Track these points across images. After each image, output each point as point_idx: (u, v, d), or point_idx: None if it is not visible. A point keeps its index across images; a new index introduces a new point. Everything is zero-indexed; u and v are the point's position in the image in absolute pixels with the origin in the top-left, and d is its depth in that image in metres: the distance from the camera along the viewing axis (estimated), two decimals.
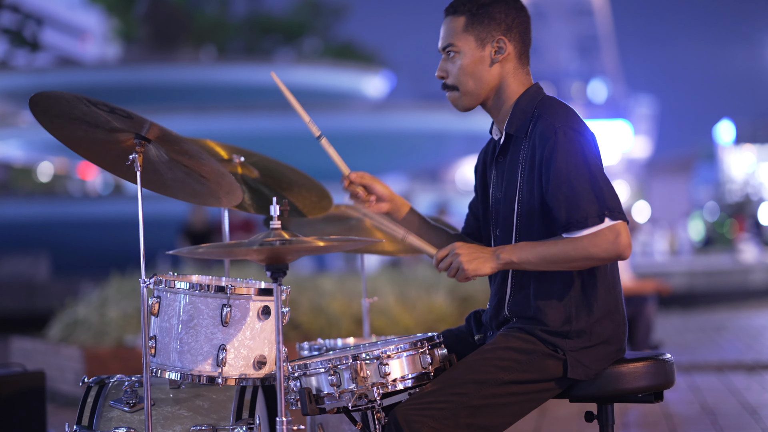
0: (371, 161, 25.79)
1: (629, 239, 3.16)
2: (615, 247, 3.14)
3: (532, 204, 3.27)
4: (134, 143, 3.39)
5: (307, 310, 8.08)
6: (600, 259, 3.17)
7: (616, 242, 3.14)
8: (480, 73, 3.36)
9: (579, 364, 3.22)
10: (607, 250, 3.14)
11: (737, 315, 15.02)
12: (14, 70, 28.43)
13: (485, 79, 3.36)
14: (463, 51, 3.36)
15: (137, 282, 3.41)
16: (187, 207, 15.53)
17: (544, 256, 3.18)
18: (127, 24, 44.53)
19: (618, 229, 3.14)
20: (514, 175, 3.33)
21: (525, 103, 3.35)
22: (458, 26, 3.36)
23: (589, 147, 3.22)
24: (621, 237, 3.14)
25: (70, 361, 7.97)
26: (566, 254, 3.16)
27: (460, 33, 3.36)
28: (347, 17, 54.16)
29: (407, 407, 3.08)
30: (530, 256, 3.19)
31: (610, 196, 3.17)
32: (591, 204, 3.15)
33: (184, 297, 3.44)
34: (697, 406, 7.00)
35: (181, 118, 21.41)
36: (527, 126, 3.31)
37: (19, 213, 21.33)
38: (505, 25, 3.35)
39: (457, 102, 3.42)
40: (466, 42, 3.35)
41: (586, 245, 3.15)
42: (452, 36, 3.37)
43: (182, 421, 3.49)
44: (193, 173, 3.52)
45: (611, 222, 3.14)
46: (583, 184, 3.16)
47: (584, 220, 3.15)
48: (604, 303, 3.28)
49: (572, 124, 3.23)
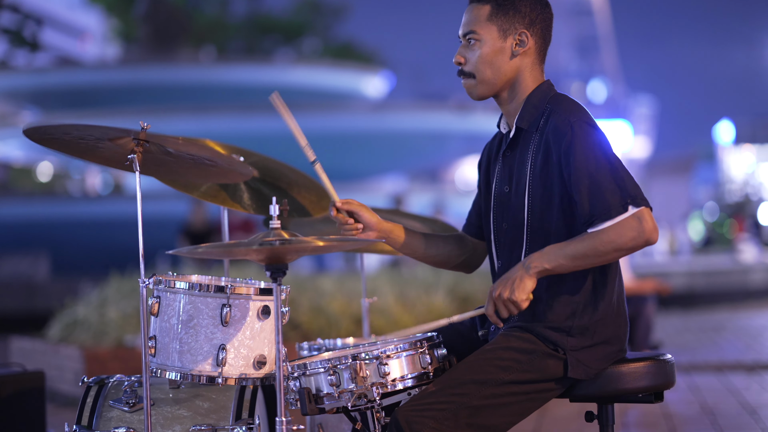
0: (371, 161, 25.81)
1: (654, 223, 3.15)
2: (640, 234, 3.13)
3: (545, 198, 3.27)
4: (133, 145, 3.40)
5: (307, 310, 8.08)
6: (629, 248, 3.16)
7: (641, 228, 3.13)
8: (499, 63, 3.35)
9: (579, 364, 3.22)
10: (634, 238, 3.14)
11: (737, 315, 15.02)
12: (14, 70, 28.42)
13: (503, 70, 3.36)
14: (484, 39, 3.35)
15: (137, 282, 3.40)
16: (186, 207, 15.53)
17: (574, 255, 3.17)
18: (127, 24, 44.53)
19: (641, 215, 3.14)
20: (523, 169, 3.32)
21: (537, 98, 3.36)
22: (482, 14, 3.36)
23: (604, 139, 3.24)
24: (645, 222, 3.13)
25: (70, 361, 7.97)
26: (595, 249, 3.15)
27: (483, 21, 3.35)
28: (347, 17, 54.18)
29: (408, 408, 3.08)
30: (561, 259, 3.17)
31: (631, 185, 3.17)
32: (613, 195, 3.15)
33: (184, 297, 3.44)
34: (697, 406, 7.00)
35: (181, 118, 21.42)
36: (539, 121, 3.31)
37: (19, 213, 21.33)
38: (529, 19, 3.35)
39: (472, 90, 3.41)
40: (489, 31, 3.35)
41: (612, 237, 3.14)
42: (475, 23, 3.36)
43: (182, 421, 3.49)
44: (196, 160, 3.53)
45: (634, 209, 3.14)
46: (604, 175, 3.16)
47: (608, 212, 3.15)
48: (609, 302, 3.28)
49: (586, 119, 3.25)
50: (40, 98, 27.84)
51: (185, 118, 21.47)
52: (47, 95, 27.31)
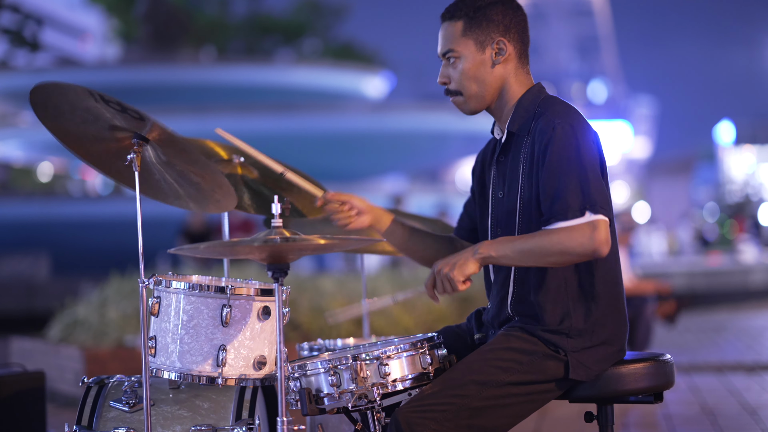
0: (371, 162, 25.82)
1: (607, 236, 3.11)
2: (590, 241, 3.10)
3: (535, 201, 3.26)
4: (132, 143, 3.38)
5: (307, 311, 8.08)
6: (576, 254, 3.13)
7: (592, 236, 3.10)
8: (482, 75, 3.35)
9: (580, 365, 3.21)
10: (582, 245, 3.11)
11: (737, 315, 15.02)
12: (14, 70, 28.43)
13: (488, 82, 3.35)
14: (463, 55, 3.34)
15: (137, 282, 3.40)
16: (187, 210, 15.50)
17: (521, 249, 3.15)
18: (127, 24, 44.56)
19: (596, 224, 3.11)
20: (515, 174, 3.32)
21: (527, 101, 3.35)
22: (457, 31, 3.35)
23: (586, 143, 3.20)
24: (598, 232, 3.10)
25: (70, 361, 7.97)
26: (542, 247, 3.13)
27: (459, 37, 3.34)
28: (347, 18, 54.21)
29: (408, 409, 3.08)
30: (507, 251, 3.17)
31: (597, 192, 3.14)
32: (575, 197, 3.13)
33: (184, 297, 3.44)
34: (697, 407, 7.00)
35: (181, 118, 21.41)
36: (529, 124, 3.30)
37: (19, 213, 21.33)
38: (503, 26, 3.34)
39: (462, 106, 3.41)
40: (466, 46, 3.34)
41: (561, 238, 3.11)
42: (451, 41, 3.36)
43: (182, 421, 3.49)
44: (187, 176, 3.51)
45: (592, 216, 3.12)
46: (571, 177, 3.15)
47: (564, 213, 3.13)
48: (605, 302, 3.27)
49: (571, 121, 3.22)
50: None
51: (185, 118, 21.46)
52: None
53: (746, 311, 15.77)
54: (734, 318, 14.57)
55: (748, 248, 28.62)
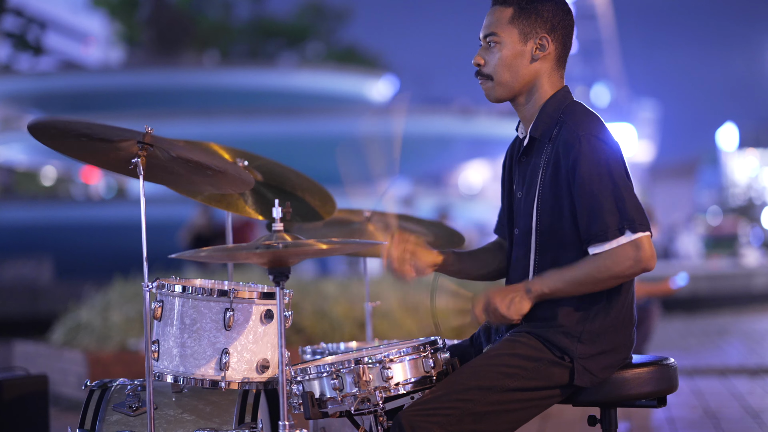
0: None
1: (652, 251, 3.14)
2: (637, 262, 3.13)
3: (556, 209, 3.26)
4: (137, 149, 3.40)
5: (310, 314, 8.08)
6: (626, 275, 3.17)
7: (638, 257, 3.13)
8: (518, 66, 3.35)
9: (586, 372, 3.20)
10: (630, 267, 3.14)
11: (740, 319, 15.00)
12: (17, 74, 28.46)
13: (521, 74, 3.35)
14: (504, 42, 3.34)
15: (140, 286, 3.40)
16: (190, 211, 15.53)
17: (572, 281, 3.18)
18: (131, 28, 44.59)
19: (639, 243, 3.13)
20: (534, 178, 3.32)
21: (552, 107, 3.34)
22: (504, 17, 3.35)
23: (614, 156, 3.21)
24: (643, 251, 3.13)
25: (73, 365, 7.97)
26: (592, 276, 3.16)
27: (505, 24, 3.35)
28: (350, 21, 54.27)
29: (412, 413, 3.07)
30: (560, 285, 3.19)
31: (633, 207, 3.15)
32: (612, 216, 3.14)
33: (187, 301, 3.44)
34: (700, 411, 6.99)
35: (185, 121, 21.42)
36: (552, 131, 3.30)
37: (23, 217, 21.34)
38: (550, 24, 3.34)
39: (489, 92, 3.40)
40: (510, 34, 3.34)
41: (609, 265, 3.15)
42: (496, 26, 3.36)
43: (185, 425, 3.49)
44: (199, 167, 3.53)
45: (632, 236, 3.13)
46: (605, 195, 3.15)
47: (604, 233, 3.14)
48: (621, 308, 3.27)
49: (596, 132, 3.22)
50: (43, 102, 27.86)
51: (189, 122, 21.47)
52: (51, 99, 27.33)
53: (749, 315, 15.74)
54: (737, 321, 14.55)
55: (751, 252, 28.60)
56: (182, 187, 3.76)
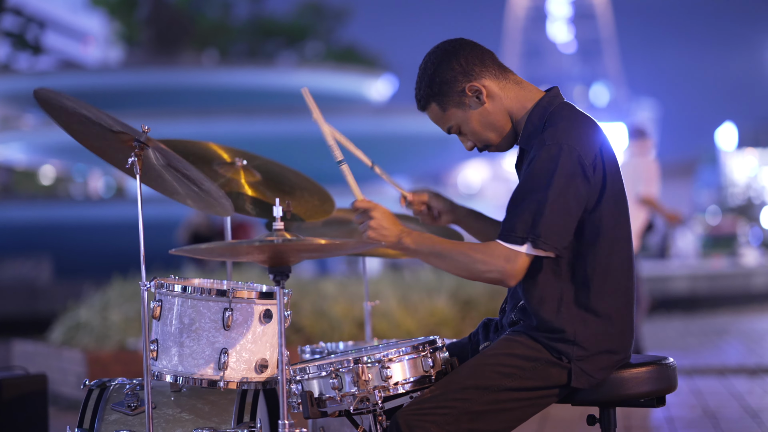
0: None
1: (522, 270, 3.14)
2: (501, 274, 3.15)
3: None
4: (133, 145, 3.40)
5: (309, 314, 8.08)
6: (484, 278, 3.18)
7: (504, 269, 3.14)
8: (489, 122, 3.36)
9: (583, 374, 3.20)
10: (491, 272, 3.16)
11: (739, 319, 15.00)
12: (17, 73, 28.46)
13: (495, 120, 3.36)
14: (460, 122, 3.38)
15: (139, 285, 3.40)
16: (188, 210, 15.52)
17: (436, 251, 3.23)
18: (130, 27, 44.61)
19: (516, 258, 3.13)
20: None
21: (536, 116, 3.31)
22: (437, 113, 3.41)
23: (568, 170, 3.14)
24: (513, 266, 3.14)
25: (72, 364, 7.97)
26: (455, 260, 3.20)
27: (443, 116, 3.40)
28: (349, 21, 54.25)
29: (409, 412, 3.08)
30: (424, 248, 3.24)
31: (549, 225, 3.11)
32: (523, 224, 3.13)
33: (186, 300, 3.44)
34: (699, 410, 6.99)
35: (184, 121, 21.41)
36: (534, 139, 3.28)
37: (22, 216, 21.33)
38: (461, 75, 3.33)
39: (500, 150, 3.45)
40: (454, 116, 3.38)
41: (477, 260, 3.16)
42: (442, 121, 3.42)
43: (183, 424, 3.49)
44: (183, 180, 3.53)
45: (530, 250, 3.13)
46: (530, 203, 3.14)
47: (507, 235, 3.15)
48: (609, 313, 3.24)
49: (565, 140, 3.16)
50: None
51: (188, 122, 21.46)
52: None
53: (748, 314, 15.74)
54: (736, 321, 14.55)
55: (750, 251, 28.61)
56: (167, 192, 3.73)
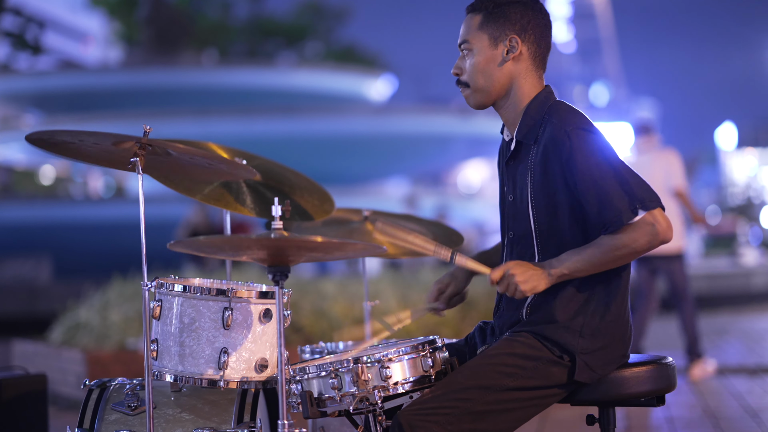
0: (373, 165, 25.82)
1: (668, 222, 3.17)
2: (655, 236, 3.16)
3: (550, 208, 3.27)
4: (136, 148, 3.40)
5: (309, 314, 8.08)
6: (645, 249, 3.19)
7: (654, 231, 3.15)
8: (490, 71, 3.35)
9: (586, 367, 3.20)
10: (649, 241, 3.17)
11: (739, 318, 15.00)
12: (16, 73, 28.47)
13: (495, 77, 3.36)
14: (476, 48, 3.36)
15: (139, 285, 3.41)
16: (188, 210, 15.52)
17: (592, 261, 3.19)
18: (129, 27, 44.60)
19: (654, 217, 3.16)
20: (524, 181, 3.32)
21: (534, 109, 3.34)
22: (474, 24, 3.37)
23: (604, 144, 3.24)
24: (658, 224, 3.16)
25: (72, 364, 7.97)
26: (612, 254, 3.18)
27: (475, 31, 3.36)
28: (349, 21, 54.26)
29: (411, 412, 3.07)
30: (579, 265, 3.20)
31: (638, 187, 3.18)
32: (621, 200, 3.16)
33: (186, 300, 3.44)
34: (699, 410, 6.99)
35: (183, 121, 21.43)
36: (536, 132, 3.30)
37: (22, 216, 21.35)
38: (519, 26, 3.34)
39: (469, 99, 3.43)
40: (480, 40, 3.35)
41: (626, 241, 3.16)
42: (468, 33, 3.38)
43: (183, 424, 3.49)
44: (200, 159, 3.53)
45: (644, 212, 3.16)
46: (608, 181, 3.17)
47: (618, 219, 3.16)
48: (619, 303, 3.28)
49: (582, 125, 3.24)
50: (42, 101, 27.88)
51: (187, 121, 21.48)
52: (50, 98, 27.35)
53: (748, 314, 15.74)
54: (736, 321, 14.55)
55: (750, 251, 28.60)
56: (181, 185, 3.75)
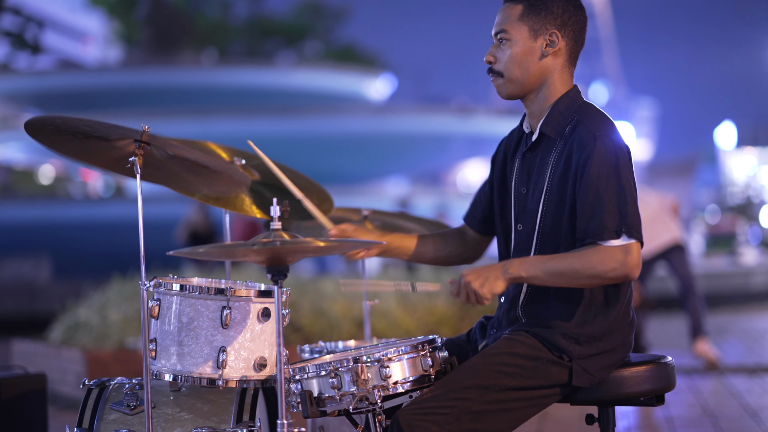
0: (372, 164, 25.82)
1: (639, 260, 3.13)
2: (623, 266, 3.12)
3: (560, 207, 3.26)
4: (134, 147, 3.39)
5: (308, 313, 8.08)
6: (608, 277, 3.14)
7: (624, 261, 3.12)
8: (527, 63, 3.33)
9: (584, 372, 3.20)
10: (615, 269, 3.12)
11: (738, 318, 15.00)
12: (16, 72, 28.44)
13: (531, 71, 3.34)
14: (514, 39, 3.34)
15: (138, 284, 3.40)
16: (188, 210, 15.52)
17: (553, 271, 3.16)
18: (129, 27, 44.61)
19: (630, 249, 3.13)
20: (542, 175, 3.31)
21: (564, 105, 3.33)
22: (514, 14, 3.35)
23: (624, 159, 3.21)
24: (631, 257, 3.12)
25: (72, 364, 7.97)
26: (574, 270, 3.14)
27: (515, 21, 3.34)
28: (348, 20, 54.30)
29: (410, 411, 3.07)
30: (538, 272, 3.17)
31: (633, 214, 3.16)
32: (611, 218, 3.14)
33: (184, 299, 3.44)
34: (699, 409, 6.99)
35: (183, 120, 21.42)
36: (564, 128, 3.29)
37: (21, 215, 21.34)
38: (560, 21, 3.33)
39: (501, 89, 3.40)
40: (520, 31, 3.33)
41: (594, 263, 3.13)
42: (507, 23, 3.35)
43: (183, 423, 3.49)
44: (195, 166, 3.52)
45: (626, 240, 3.13)
46: (610, 196, 3.15)
47: (600, 233, 3.14)
48: (620, 309, 3.27)
49: (611, 133, 3.22)
50: (41, 101, 27.87)
51: (187, 121, 21.47)
52: (49, 98, 27.34)
53: (747, 313, 15.74)
54: (735, 320, 14.55)
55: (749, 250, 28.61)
56: (178, 186, 3.75)
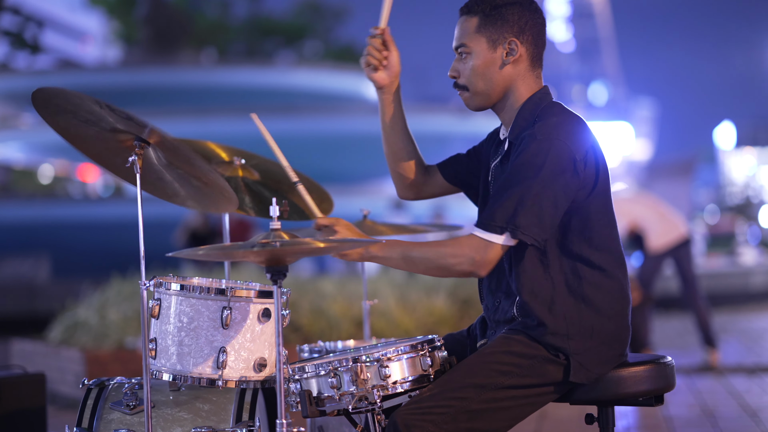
0: (372, 164, 25.80)
1: (494, 261, 3.14)
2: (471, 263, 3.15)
3: None
4: (134, 145, 3.39)
5: (308, 313, 8.08)
6: (455, 271, 3.17)
7: (473, 259, 3.14)
8: (490, 75, 3.34)
9: (581, 368, 3.20)
10: (461, 264, 3.15)
11: (737, 318, 15.00)
12: (15, 72, 28.46)
13: (495, 81, 3.34)
14: (474, 52, 3.34)
15: (137, 284, 3.41)
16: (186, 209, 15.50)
17: (406, 256, 3.20)
18: (128, 26, 44.59)
19: (493, 247, 3.13)
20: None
21: (528, 110, 3.32)
22: (471, 27, 3.34)
23: (558, 166, 3.15)
24: (487, 255, 3.14)
25: (71, 363, 7.97)
26: (426, 258, 3.18)
27: (472, 33, 3.34)
28: (348, 20, 54.23)
29: (407, 411, 3.07)
30: (393, 254, 3.22)
31: (529, 216, 3.12)
32: (503, 212, 3.13)
33: (184, 299, 3.44)
34: (698, 409, 7.00)
35: (182, 120, 21.41)
36: (524, 133, 3.27)
37: (20, 215, 21.34)
38: (518, 27, 3.32)
39: (468, 102, 3.41)
40: (478, 43, 3.33)
41: (446, 254, 3.15)
42: (465, 36, 3.35)
43: (182, 423, 3.49)
44: (191, 177, 3.52)
45: (507, 240, 3.13)
46: (515, 192, 3.13)
47: (485, 223, 3.15)
48: (614, 304, 3.26)
49: (556, 134, 3.18)
50: None
51: (186, 121, 21.46)
52: None
53: (747, 313, 15.75)
54: (735, 320, 14.55)
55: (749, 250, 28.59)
56: (165, 196, 3.71)
